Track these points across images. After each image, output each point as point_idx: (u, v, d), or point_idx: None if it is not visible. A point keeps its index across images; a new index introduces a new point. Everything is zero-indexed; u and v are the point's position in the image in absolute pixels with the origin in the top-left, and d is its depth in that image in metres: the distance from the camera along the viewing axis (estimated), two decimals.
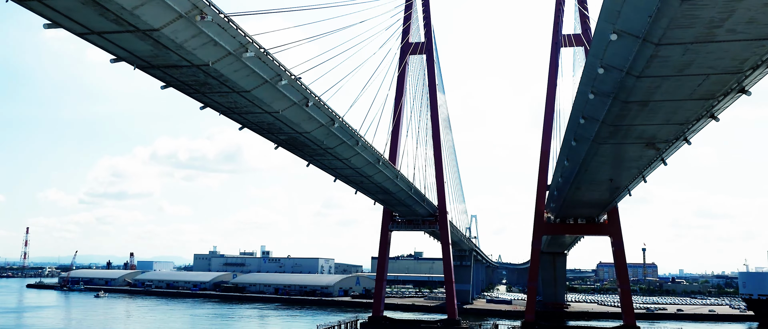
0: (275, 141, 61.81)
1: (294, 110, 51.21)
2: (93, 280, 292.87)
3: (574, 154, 66.39)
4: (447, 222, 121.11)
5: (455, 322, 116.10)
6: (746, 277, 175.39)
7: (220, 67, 40.17)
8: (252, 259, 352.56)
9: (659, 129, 51.80)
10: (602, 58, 39.23)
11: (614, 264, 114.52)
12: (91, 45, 36.83)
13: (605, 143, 56.89)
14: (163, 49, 36.93)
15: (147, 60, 39.10)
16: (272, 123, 54.15)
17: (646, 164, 67.13)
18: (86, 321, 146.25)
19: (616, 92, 43.16)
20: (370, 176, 79.50)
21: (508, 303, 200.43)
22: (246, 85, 43.91)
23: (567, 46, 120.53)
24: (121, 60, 40.23)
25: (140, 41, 35.72)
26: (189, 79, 42.72)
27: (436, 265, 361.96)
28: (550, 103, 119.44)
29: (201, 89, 44.99)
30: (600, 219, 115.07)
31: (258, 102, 47.53)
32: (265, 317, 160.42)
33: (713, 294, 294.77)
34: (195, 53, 37.42)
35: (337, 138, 61.68)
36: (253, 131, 58.31)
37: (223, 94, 45.79)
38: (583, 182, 78.51)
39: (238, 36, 38.32)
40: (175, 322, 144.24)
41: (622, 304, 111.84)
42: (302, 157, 69.37)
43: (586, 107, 50.36)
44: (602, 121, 50.38)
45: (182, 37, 35.45)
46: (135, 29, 33.97)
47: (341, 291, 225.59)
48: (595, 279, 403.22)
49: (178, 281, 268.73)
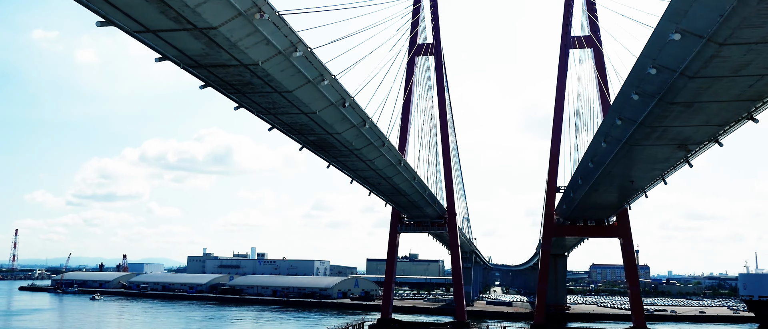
0: (303, 142, 61.18)
1: (330, 110, 50.67)
2: (87, 282, 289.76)
3: (600, 155, 66.23)
4: (456, 224, 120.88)
5: (465, 324, 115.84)
6: (747, 279, 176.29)
7: (269, 67, 39.57)
8: (247, 261, 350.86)
9: (696, 131, 51.72)
10: (655, 58, 39.01)
11: (624, 266, 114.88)
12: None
13: (638, 144, 56.78)
14: (215, 48, 36.29)
15: (195, 59, 38.45)
16: (305, 124, 53.57)
17: (670, 166, 67.19)
18: (88, 323, 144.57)
19: (663, 93, 42.96)
20: (390, 178, 79.01)
21: (508, 305, 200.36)
22: (289, 85, 43.32)
23: (576, 47, 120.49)
24: (168, 59, 39.58)
25: (194, 40, 35.08)
26: (233, 78, 42.07)
27: (430, 267, 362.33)
28: (559, 105, 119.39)
29: (242, 89, 44.35)
30: (609, 221, 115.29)
31: (297, 102, 46.93)
32: (267, 320, 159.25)
33: (708, 295, 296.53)
34: (247, 52, 36.81)
35: (365, 139, 61.18)
36: (283, 132, 57.70)
37: (264, 94, 45.17)
38: (602, 183, 78.46)
39: (290, 35, 37.79)
40: (180, 325, 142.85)
41: (632, 306, 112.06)
42: (326, 158, 68.80)
43: (625, 108, 50.19)
44: (640, 122, 50.22)
45: (237, 35, 34.85)
46: (192, 27, 33.33)
47: (340, 293, 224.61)
48: (588, 281, 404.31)
49: (174, 283, 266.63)
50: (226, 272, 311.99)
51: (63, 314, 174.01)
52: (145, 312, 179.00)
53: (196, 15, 31.83)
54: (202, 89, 45.26)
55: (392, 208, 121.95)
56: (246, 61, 38.21)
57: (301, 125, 54.20)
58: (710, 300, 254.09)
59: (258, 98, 46.27)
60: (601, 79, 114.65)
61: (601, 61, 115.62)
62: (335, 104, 49.73)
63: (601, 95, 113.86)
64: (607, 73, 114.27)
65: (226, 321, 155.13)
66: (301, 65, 41.35)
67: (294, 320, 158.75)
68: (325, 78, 44.71)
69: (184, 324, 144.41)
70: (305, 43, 39.88)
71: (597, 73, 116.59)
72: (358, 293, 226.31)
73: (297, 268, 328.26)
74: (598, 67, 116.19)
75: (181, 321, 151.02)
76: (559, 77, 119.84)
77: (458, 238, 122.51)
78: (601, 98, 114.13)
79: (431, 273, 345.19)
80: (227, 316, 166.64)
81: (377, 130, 61.72)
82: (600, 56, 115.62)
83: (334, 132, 56.13)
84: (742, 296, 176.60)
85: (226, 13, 32.63)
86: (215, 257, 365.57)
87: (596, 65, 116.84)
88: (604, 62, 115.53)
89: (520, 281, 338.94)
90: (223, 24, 33.20)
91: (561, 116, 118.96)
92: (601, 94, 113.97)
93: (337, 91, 48.28)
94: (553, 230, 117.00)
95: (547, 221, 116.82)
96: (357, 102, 53.59)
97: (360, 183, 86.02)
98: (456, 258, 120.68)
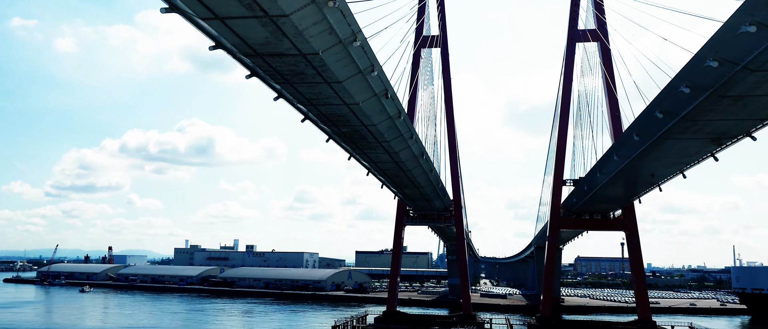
0: (334, 133, 60.33)
1: (372, 101, 49.89)
2: (74, 274, 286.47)
3: (628, 149, 66.14)
4: (462, 217, 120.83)
5: (471, 317, 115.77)
6: (740, 271, 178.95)
7: (327, 57, 38.71)
8: (235, 253, 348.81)
9: (736, 124, 51.78)
10: (718, 51, 38.78)
11: (629, 260, 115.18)
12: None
13: (673, 138, 56.72)
14: (279, 37, 35.33)
15: (255, 48, 37.45)
16: (343, 115, 52.75)
17: (696, 160, 67.34)
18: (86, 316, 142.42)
19: (717, 87, 42.80)
20: (410, 170, 78.37)
21: (503, 297, 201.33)
22: (341, 75, 42.48)
23: (583, 41, 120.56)
24: (222, 48, 38.60)
25: (261, 28, 34.12)
26: (286, 68, 41.12)
27: (419, 259, 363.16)
28: (565, 99, 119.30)
29: (291, 79, 43.40)
30: (614, 214, 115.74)
31: (343, 93, 46.10)
32: (268, 313, 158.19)
33: (694, 288, 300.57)
34: (310, 41, 35.89)
35: (397, 131, 60.49)
36: (316, 122, 56.88)
37: (312, 84, 44.27)
38: (623, 177, 78.52)
39: (353, 24, 36.97)
40: (184, 317, 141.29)
41: (638, 299, 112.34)
42: (351, 149, 68.05)
43: (668, 101, 50.01)
44: (683, 116, 50.10)
45: (306, 23, 33.94)
46: (264, 15, 32.36)
47: (333, 286, 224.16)
48: (574, 273, 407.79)
49: (164, 275, 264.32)
50: (214, 264, 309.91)
51: (56, 306, 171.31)
52: (141, 304, 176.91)
53: (271, 2, 30.89)
54: (248, 79, 44.34)
55: (398, 201, 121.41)
56: (306, 50, 37.28)
57: (338, 116, 53.35)
58: (698, 293, 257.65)
59: (305, 88, 45.34)
60: (607, 74, 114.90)
61: (607, 56, 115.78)
62: (378, 95, 48.97)
63: (608, 88, 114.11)
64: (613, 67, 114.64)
65: (228, 313, 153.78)
66: (356, 55, 40.53)
67: (293, 313, 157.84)
68: (375, 69, 43.94)
69: (187, 317, 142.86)
70: (363, 32, 39.08)
71: (603, 67, 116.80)
72: (352, 285, 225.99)
73: (286, 260, 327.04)
74: (604, 61, 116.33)
75: (183, 314, 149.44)
76: (566, 71, 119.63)
77: (464, 231, 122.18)
78: (608, 92, 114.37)
79: (420, 266, 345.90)
80: (225, 309, 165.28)
81: (408, 122, 61.10)
82: (606, 51, 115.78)
83: (370, 123, 55.33)
84: (735, 288, 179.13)
85: (299, 1, 31.73)
86: (203, 249, 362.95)
87: (602, 60, 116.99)
88: (610, 57, 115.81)
89: (509, 273, 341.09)
90: (295, 12, 32.28)
91: (568, 110, 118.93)
92: (608, 88, 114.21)
93: (382, 82, 47.52)
94: (559, 223, 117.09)
95: (554, 215, 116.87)
96: (396, 94, 52.90)
97: (376, 175, 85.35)
98: (462, 251, 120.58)
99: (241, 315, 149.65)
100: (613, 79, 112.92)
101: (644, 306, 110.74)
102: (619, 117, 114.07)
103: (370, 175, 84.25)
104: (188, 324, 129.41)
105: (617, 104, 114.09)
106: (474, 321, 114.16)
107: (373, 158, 71.36)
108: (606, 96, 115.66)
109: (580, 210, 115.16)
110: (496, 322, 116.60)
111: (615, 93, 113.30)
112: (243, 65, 42.06)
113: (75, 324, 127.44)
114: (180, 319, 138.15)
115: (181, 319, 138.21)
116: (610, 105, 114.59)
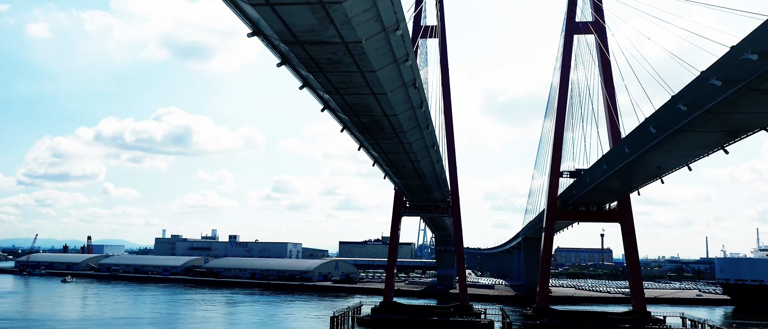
0: (351, 123, 59.67)
1: (400, 91, 49.41)
2: (53, 264, 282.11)
3: (641, 141, 66.41)
4: (459, 207, 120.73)
5: (468, 307, 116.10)
6: (724, 263, 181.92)
7: (368, 45, 38.07)
8: (218, 243, 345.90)
9: (758, 117, 52.21)
10: (758, 44, 38.92)
11: (624, 251, 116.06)
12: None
13: (692, 131, 57.05)
14: (326, 24, 34.62)
15: (297, 35, 36.65)
16: (367, 105, 52.17)
17: (707, 153, 67.89)
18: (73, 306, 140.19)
19: (750, 80, 43.03)
20: (418, 161, 78.09)
21: (490, 288, 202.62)
22: (376, 64, 41.88)
23: (581, 33, 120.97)
24: (261, 35, 37.82)
25: (310, 15, 33.37)
26: (323, 56, 40.38)
27: (403, 250, 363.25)
28: (563, 91, 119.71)
29: (325, 68, 42.69)
30: (610, 206, 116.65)
31: (374, 82, 45.48)
32: (259, 303, 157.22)
33: (674, 278, 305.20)
34: (356, 29, 35.23)
35: (415, 121, 60.07)
36: (335, 111, 56.33)
37: (345, 73, 43.62)
38: (630, 169, 79.02)
39: (399, 12, 36.34)
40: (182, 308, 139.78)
41: (632, 289, 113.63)
42: (364, 140, 67.53)
43: (694, 93, 50.20)
44: (708, 109, 50.37)
45: (356, 10, 33.29)
46: (316, 1, 31.64)
47: (320, 276, 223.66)
48: (555, 264, 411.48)
49: (147, 265, 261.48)
50: (197, 254, 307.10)
51: (40, 297, 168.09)
52: (127, 294, 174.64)
53: None
54: (279, 67, 43.64)
55: (395, 192, 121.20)
56: (350, 38, 36.62)
57: (362, 106, 52.74)
58: (678, 283, 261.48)
59: (336, 76, 44.65)
60: (603, 65, 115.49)
61: (604, 47, 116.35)
62: (406, 84, 48.47)
63: (606, 77, 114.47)
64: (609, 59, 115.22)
65: (219, 304, 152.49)
66: (396, 44, 39.96)
67: (286, 303, 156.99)
68: (409, 58, 43.40)
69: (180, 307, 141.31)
70: (405, 20, 38.49)
71: (600, 58, 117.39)
72: (339, 275, 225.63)
73: (269, 251, 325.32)
74: (601, 53, 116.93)
75: (174, 304, 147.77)
76: (563, 63, 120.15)
77: (460, 221, 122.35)
78: (606, 82, 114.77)
79: (403, 256, 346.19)
80: (216, 299, 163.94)
81: (428, 113, 60.70)
82: (604, 42, 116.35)
83: (392, 113, 54.81)
84: (719, 279, 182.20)
85: None
86: (185, 239, 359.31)
87: (599, 51, 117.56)
88: (607, 48, 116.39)
89: (492, 264, 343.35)
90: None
91: (565, 103, 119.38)
92: (605, 79, 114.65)
93: (412, 71, 46.99)
94: (555, 215, 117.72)
95: (551, 206, 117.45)
96: (422, 84, 52.39)
97: (382, 166, 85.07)
98: (459, 243, 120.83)
99: (234, 306, 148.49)
100: (611, 71, 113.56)
101: (639, 297, 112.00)
102: (615, 109, 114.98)
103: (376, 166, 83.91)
104: (186, 313, 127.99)
105: (614, 97, 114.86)
106: (471, 311, 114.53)
107: (385, 148, 70.88)
108: (602, 88, 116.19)
109: (577, 202, 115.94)
110: (490, 313, 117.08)
111: (613, 83, 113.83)
112: (277, 53, 41.26)
113: (66, 314, 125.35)
114: (174, 309, 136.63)
115: (174, 309, 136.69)
116: (607, 95, 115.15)
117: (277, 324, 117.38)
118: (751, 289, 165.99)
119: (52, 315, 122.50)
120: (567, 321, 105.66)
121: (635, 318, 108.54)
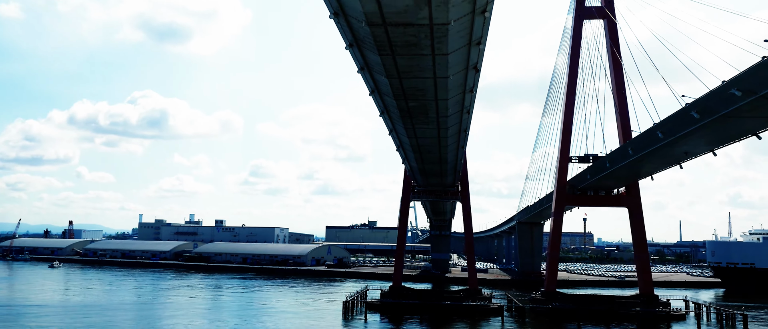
0: (395, 107, 58.50)
1: (459, 75, 48.52)
2: (37, 249, 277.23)
3: (678, 126, 66.60)
4: (469, 192, 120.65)
5: (477, 291, 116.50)
6: (715, 246, 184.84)
7: (453, 27, 37.10)
8: (204, 228, 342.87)
9: None
10: None
11: (632, 235, 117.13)
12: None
13: (740, 117, 57.32)
14: (421, 5, 33.59)
15: (387, 16, 35.52)
16: (422, 89, 51.24)
17: (739, 139, 68.45)
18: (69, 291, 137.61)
19: None
20: (446, 146, 77.50)
21: (485, 272, 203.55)
22: (453, 46, 40.90)
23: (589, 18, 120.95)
24: (343, 16, 36.72)
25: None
26: (401, 39, 39.30)
27: (390, 234, 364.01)
28: (572, 78, 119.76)
29: (400, 51, 41.63)
30: (619, 191, 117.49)
31: (441, 65, 44.54)
32: (260, 288, 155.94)
33: (657, 262, 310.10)
34: (451, 10, 34.27)
35: (460, 105, 59.22)
36: (384, 95, 55.31)
37: (416, 56, 42.59)
38: (657, 154, 79.38)
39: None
40: (186, 294, 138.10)
41: (639, 273, 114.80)
42: (402, 124, 66.51)
43: (751, 79, 50.35)
44: (764, 95, 50.58)
45: None
46: None
47: (313, 261, 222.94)
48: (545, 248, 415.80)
49: (135, 250, 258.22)
50: (183, 239, 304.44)
51: (31, 282, 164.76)
52: (120, 279, 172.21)
53: None
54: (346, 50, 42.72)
55: (404, 177, 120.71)
56: (440, 20, 35.62)
57: (416, 90, 51.80)
58: (664, 267, 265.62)
59: (405, 60, 43.62)
60: (613, 50, 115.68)
61: (614, 32, 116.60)
62: (469, 67, 47.60)
63: (615, 62, 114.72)
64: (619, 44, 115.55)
65: (223, 289, 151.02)
66: (477, 25, 39.00)
67: (289, 288, 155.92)
68: (483, 40, 42.51)
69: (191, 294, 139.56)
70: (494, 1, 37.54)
71: (609, 43, 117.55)
72: (332, 260, 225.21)
73: (256, 235, 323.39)
74: (611, 37, 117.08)
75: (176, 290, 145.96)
76: (573, 49, 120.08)
77: (469, 207, 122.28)
78: (614, 67, 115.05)
79: (391, 241, 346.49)
80: (216, 284, 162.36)
81: (475, 95, 59.79)
82: (613, 27, 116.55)
83: (442, 98, 53.99)
84: (710, 262, 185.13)
85: None
86: (169, 224, 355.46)
87: (609, 36, 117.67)
88: (616, 33, 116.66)
89: (479, 248, 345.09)
90: None
91: (574, 89, 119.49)
92: (614, 61, 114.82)
93: (479, 53, 46.11)
94: (564, 200, 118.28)
95: (560, 191, 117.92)
96: None
97: (405, 150, 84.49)
98: (469, 227, 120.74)
99: (242, 292, 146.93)
100: (621, 56, 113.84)
101: (647, 281, 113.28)
102: (625, 95, 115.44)
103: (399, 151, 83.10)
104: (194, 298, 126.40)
105: (623, 83, 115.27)
106: (480, 295, 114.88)
107: (418, 133, 70.13)
108: (612, 74, 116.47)
109: (586, 187, 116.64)
110: (496, 298, 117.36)
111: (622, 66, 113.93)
112: (350, 33, 40.23)
113: (66, 299, 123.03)
114: (180, 295, 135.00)
115: (180, 294, 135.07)
116: (615, 81, 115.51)
117: (300, 310, 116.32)
118: (742, 272, 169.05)
119: (66, 301, 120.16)
120: (579, 305, 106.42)
121: (644, 301, 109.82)
